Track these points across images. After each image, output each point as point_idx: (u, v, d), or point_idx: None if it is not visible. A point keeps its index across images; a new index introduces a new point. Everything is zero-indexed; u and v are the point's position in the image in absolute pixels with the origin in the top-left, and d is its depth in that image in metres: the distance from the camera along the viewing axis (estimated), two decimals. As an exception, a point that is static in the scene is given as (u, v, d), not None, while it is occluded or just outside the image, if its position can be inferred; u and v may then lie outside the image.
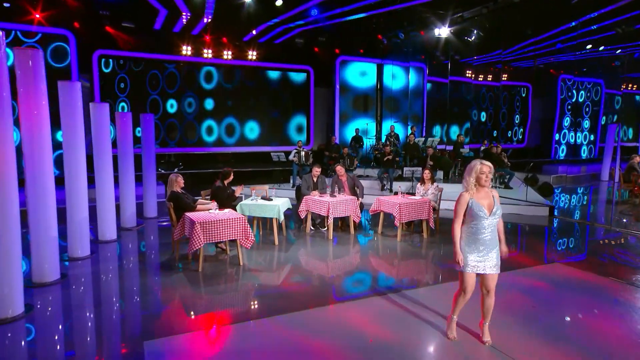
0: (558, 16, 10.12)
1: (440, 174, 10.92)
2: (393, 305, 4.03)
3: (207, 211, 5.37)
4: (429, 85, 13.85)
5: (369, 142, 13.11)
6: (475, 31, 11.17)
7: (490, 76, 16.00)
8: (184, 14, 9.91)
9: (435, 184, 6.83)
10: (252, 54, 12.86)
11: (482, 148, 11.84)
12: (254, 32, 11.75)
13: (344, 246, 6.13)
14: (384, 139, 12.66)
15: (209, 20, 10.61)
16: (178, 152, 12.54)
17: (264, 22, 10.93)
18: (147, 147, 7.87)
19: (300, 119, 14.35)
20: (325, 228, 6.79)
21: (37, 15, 9.11)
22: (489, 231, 3.09)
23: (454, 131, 14.48)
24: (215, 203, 5.53)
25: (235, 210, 5.98)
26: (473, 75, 15.75)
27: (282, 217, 6.09)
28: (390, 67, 14.17)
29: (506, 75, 16.87)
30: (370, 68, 14.43)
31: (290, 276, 4.90)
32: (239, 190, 5.99)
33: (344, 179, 7.16)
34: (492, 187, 3.20)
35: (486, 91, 16.45)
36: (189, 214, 5.17)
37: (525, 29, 10.99)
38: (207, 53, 12.21)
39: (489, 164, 3.10)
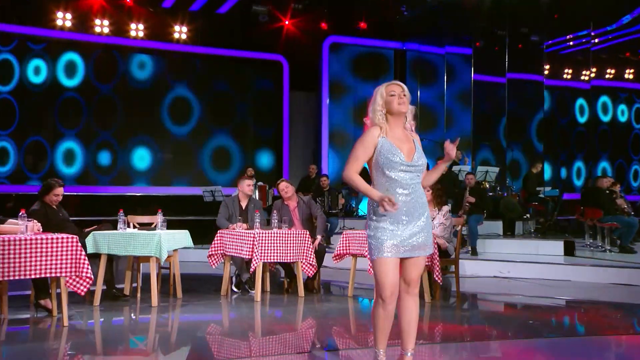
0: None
1: (497, 227, 11.00)
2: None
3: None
4: (486, 89, 13.94)
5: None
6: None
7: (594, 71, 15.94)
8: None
9: (445, 208, 6.93)
10: (179, 32, 13.26)
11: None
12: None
13: (273, 318, 6.07)
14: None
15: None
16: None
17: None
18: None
19: (266, 143, 14.46)
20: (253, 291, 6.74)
21: None
22: (411, 191, 3.35)
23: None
24: (37, 224, 5.47)
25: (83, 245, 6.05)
26: (570, 73, 15.82)
27: (164, 256, 6.01)
28: (416, 55, 14.46)
29: (632, 72, 16.82)
30: (383, 56, 14.69)
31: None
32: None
33: (291, 204, 7.27)
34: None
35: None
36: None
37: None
38: (101, 26, 12.57)
39: (399, 82, 3.43)
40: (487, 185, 12.30)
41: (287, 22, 13.82)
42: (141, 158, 13.47)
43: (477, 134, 13.85)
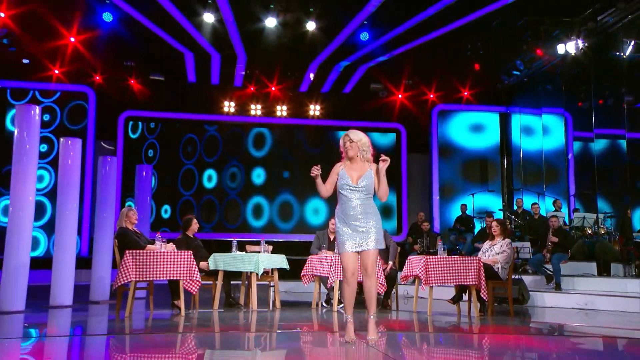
0: None
1: (590, 267, 10.93)
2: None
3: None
4: (578, 144, 13.96)
5: (480, 224, 13.26)
6: (632, 43, 11.37)
7: None
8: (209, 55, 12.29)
9: (507, 240, 7.16)
10: (314, 109, 14.92)
11: None
12: (310, 76, 13.87)
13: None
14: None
15: (244, 65, 13.09)
16: (214, 239, 14.34)
17: (314, 59, 12.98)
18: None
19: (387, 199, 15.25)
20: (341, 305, 7.26)
21: (57, 71, 12.69)
22: (359, 205, 4.50)
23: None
24: (173, 245, 6.88)
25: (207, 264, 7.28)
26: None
27: (260, 271, 6.89)
28: (518, 118, 14.79)
29: None
30: (487, 118, 15.30)
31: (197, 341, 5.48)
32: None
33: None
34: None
35: None
36: (129, 251, 6.46)
37: None
38: (255, 110, 14.68)
39: (348, 133, 4.61)
40: (589, 231, 12.24)
41: (400, 96, 14.84)
42: (287, 211, 15.07)
43: (576, 185, 13.81)
